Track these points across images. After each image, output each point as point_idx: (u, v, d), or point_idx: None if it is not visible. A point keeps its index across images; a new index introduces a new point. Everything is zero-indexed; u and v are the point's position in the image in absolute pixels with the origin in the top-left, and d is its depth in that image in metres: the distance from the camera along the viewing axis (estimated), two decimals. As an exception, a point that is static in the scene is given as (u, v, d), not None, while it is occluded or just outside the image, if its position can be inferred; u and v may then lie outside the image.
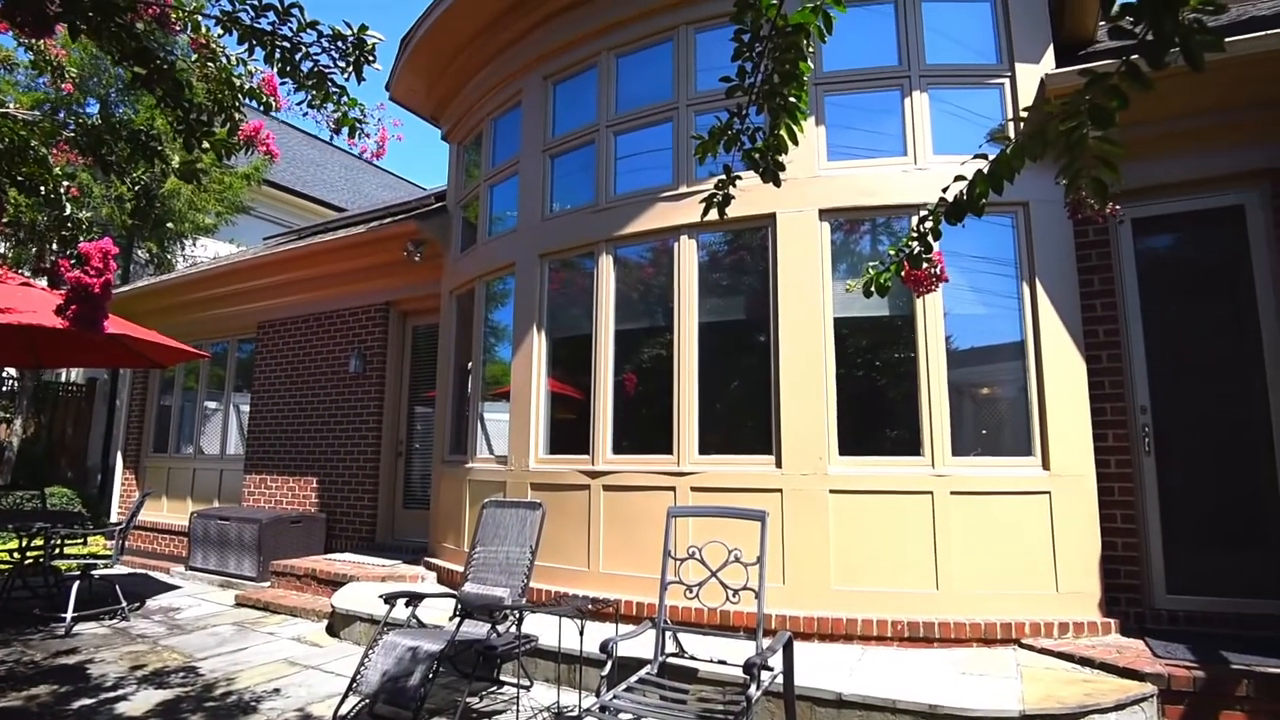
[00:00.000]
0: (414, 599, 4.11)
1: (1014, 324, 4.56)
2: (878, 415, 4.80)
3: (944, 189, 1.85)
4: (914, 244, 1.97)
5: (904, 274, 2.02)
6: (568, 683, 4.17)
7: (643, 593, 4.71)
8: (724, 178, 2.40)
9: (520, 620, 4.00)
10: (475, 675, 3.87)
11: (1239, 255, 4.40)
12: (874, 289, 2.05)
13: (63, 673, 4.60)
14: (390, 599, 3.95)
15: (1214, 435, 4.39)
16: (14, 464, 11.51)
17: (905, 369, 4.62)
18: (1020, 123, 1.64)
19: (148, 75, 2.94)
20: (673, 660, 3.61)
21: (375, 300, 8.08)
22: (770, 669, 3.11)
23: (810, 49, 2.12)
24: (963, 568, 4.27)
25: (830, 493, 4.47)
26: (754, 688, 2.85)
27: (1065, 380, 4.39)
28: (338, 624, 5.42)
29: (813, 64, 2.16)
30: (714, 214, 2.40)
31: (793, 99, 2.16)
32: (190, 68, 3.34)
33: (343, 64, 2.82)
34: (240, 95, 3.28)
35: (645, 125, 5.52)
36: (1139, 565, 4.32)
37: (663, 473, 4.93)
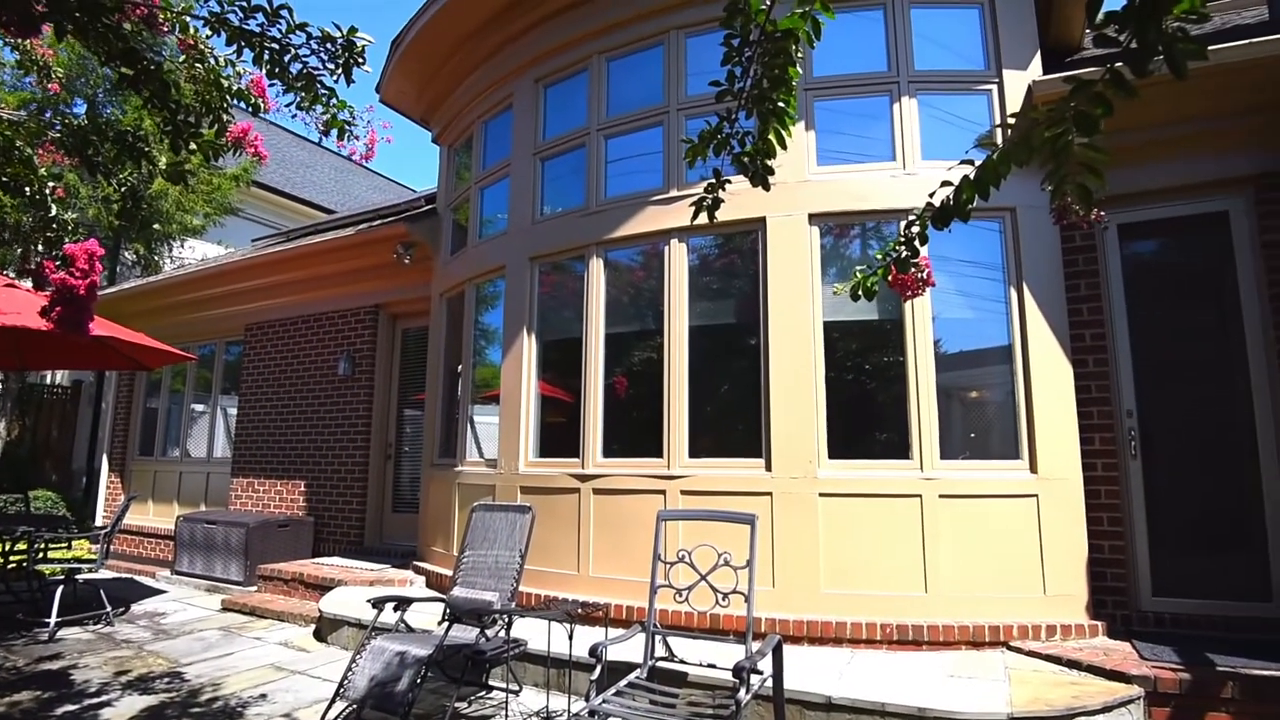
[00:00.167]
0: (402, 603, 4.08)
1: (1002, 328, 4.59)
2: (867, 418, 4.81)
3: (931, 194, 1.86)
4: (901, 249, 1.98)
5: (891, 278, 2.03)
6: (557, 687, 4.15)
7: (632, 596, 4.71)
8: (714, 181, 2.41)
9: (509, 624, 3.99)
10: (464, 680, 3.85)
11: (1224, 260, 4.45)
12: (861, 293, 2.06)
13: (46, 679, 4.55)
14: (378, 603, 3.92)
15: (1199, 438, 4.43)
16: (-3, 467, 11.39)
17: (894, 372, 4.64)
18: (1007, 129, 1.65)
19: (135, 76, 2.92)
20: (662, 664, 3.60)
21: (365, 303, 8.04)
22: (759, 672, 3.11)
23: (799, 54, 2.13)
24: (951, 571, 4.29)
25: (820, 496, 4.48)
26: (743, 691, 2.85)
27: (1052, 384, 4.42)
28: (325, 629, 5.38)
29: (802, 69, 2.18)
30: (704, 218, 2.41)
31: (781, 103, 2.17)
32: (178, 68, 3.32)
33: (332, 66, 2.81)
34: (228, 96, 3.26)
35: (636, 129, 5.53)
36: (1125, 568, 4.35)
37: (653, 476, 4.93)
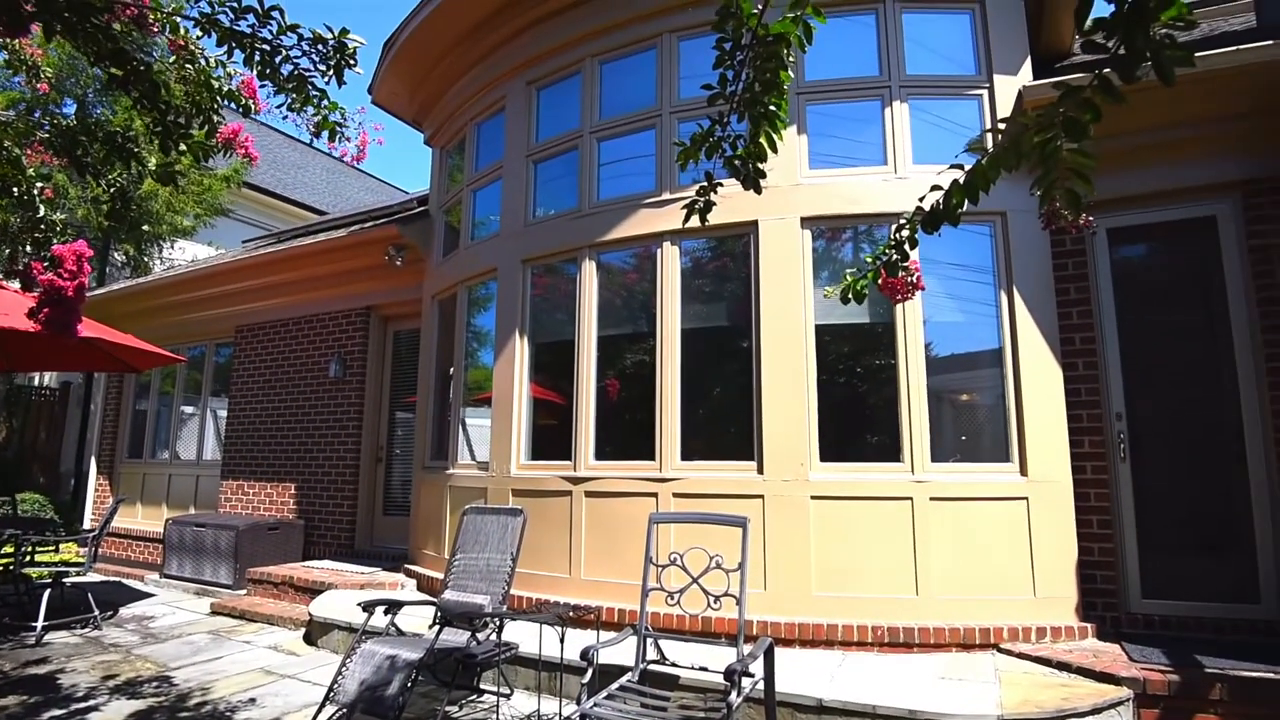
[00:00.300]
0: (393, 607, 4.06)
1: (992, 331, 4.62)
2: (858, 421, 4.83)
3: (921, 198, 1.87)
4: (891, 252, 1.99)
5: (881, 282, 2.04)
6: (548, 691, 4.14)
7: (624, 599, 4.70)
8: (705, 184, 2.41)
9: (500, 628, 3.97)
10: (455, 684, 3.83)
11: (1211, 265, 4.49)
12: (851, 296, 2.07)
13: (32, 683, 4.50)
14: (368, 607, 3.90)
15: (1188, 441, 4.46)
16: (-16, 470, 11.29)
17: (885, 375, 4.66)
18: (997, 134, 1.66)
19: (124, 76, 2.91)
20: (654, 667, 3.60)
21: (356, 304, 8.01)
22: (751, 675, 3.11)
23: (791, 58, 2.14)
24: (942, 573, 4.30)
25: (811, 499, 4.49)
26: (735, 694, 2.85)
27: (1042, 387, 4.45)
28: (315, 632, 5.35)
29: (794, 73, 2.18)
30: (695, 220, 2.41)
31: (773, 107, 2.17)
32: (168, 69, 3.30)
33: (323, 67, 2.80)
34: (219, 97, 3.25)
35: (629, 131, 5.53)
36: (1115, 570, 4.37)
37: (645, 479, 4.93)
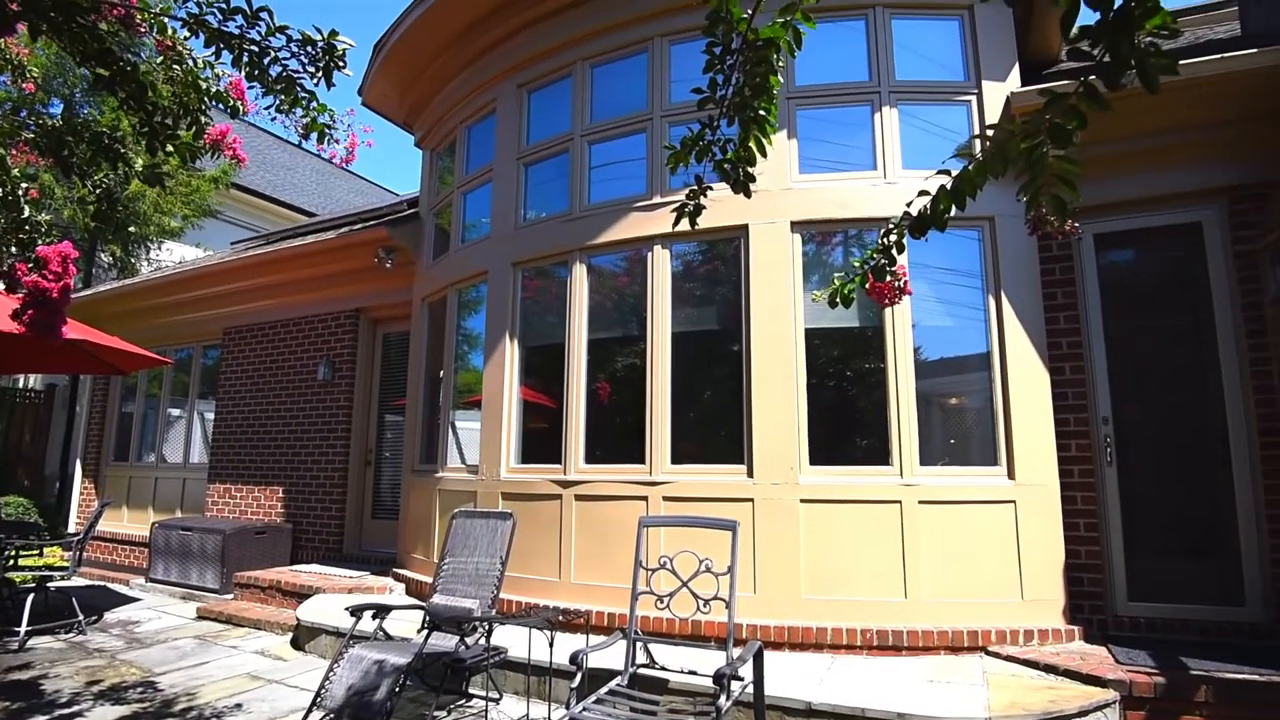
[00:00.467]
0: (381, 611, 4.04)
1: (980, 336, 4.64)
2: (848, 425, 4.84)
3: (908, 203, 1.88)
4: (878, 257, 2.00)
5: (868, 286, 2.05)
6: (537, 695, 4.13)
7: (614, 603, 4.69)
8: (695, 188, 2.42)
9: (489, 632, 3.96)
10: (443, 688, 3.82)
11: (1197, 270, 4.52)
12: (839, 300, 2.07)
13: (15, 689, 4.45)
14: (356, 611, 3.88)
15: (1174, 445, 4.50)
16: (-33, 473, 11.15)
17: (875, 379, 4.67)
18: (985, 140, 1.67)
19: (111, 77, 2.88)
20: (643, 671, 3.59)
21: (345, 307, 7.97)
22: (740, 679, 3.11)
23: (780, 63, 2.15)
24: (930, 576, 4.31)
25: (801, 502, 4.50)
26: (724, 698, 2.85)
27: (1030, 391, 4.47)
28: (303, 637, 5.31)
29: (784, 78, 2.19)
30: (685, 224, 2.41)
31: (763, 111, 2.18)
32: (155, 70, 3.28)
33: (312, 69, 2.78)
34: (206, 98, 3.23)
35: (620, 135, 5.54)
36: (1102, 573, 4.40)
37: (635, 482, 4.92)
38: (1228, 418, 4.33)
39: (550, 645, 3.60)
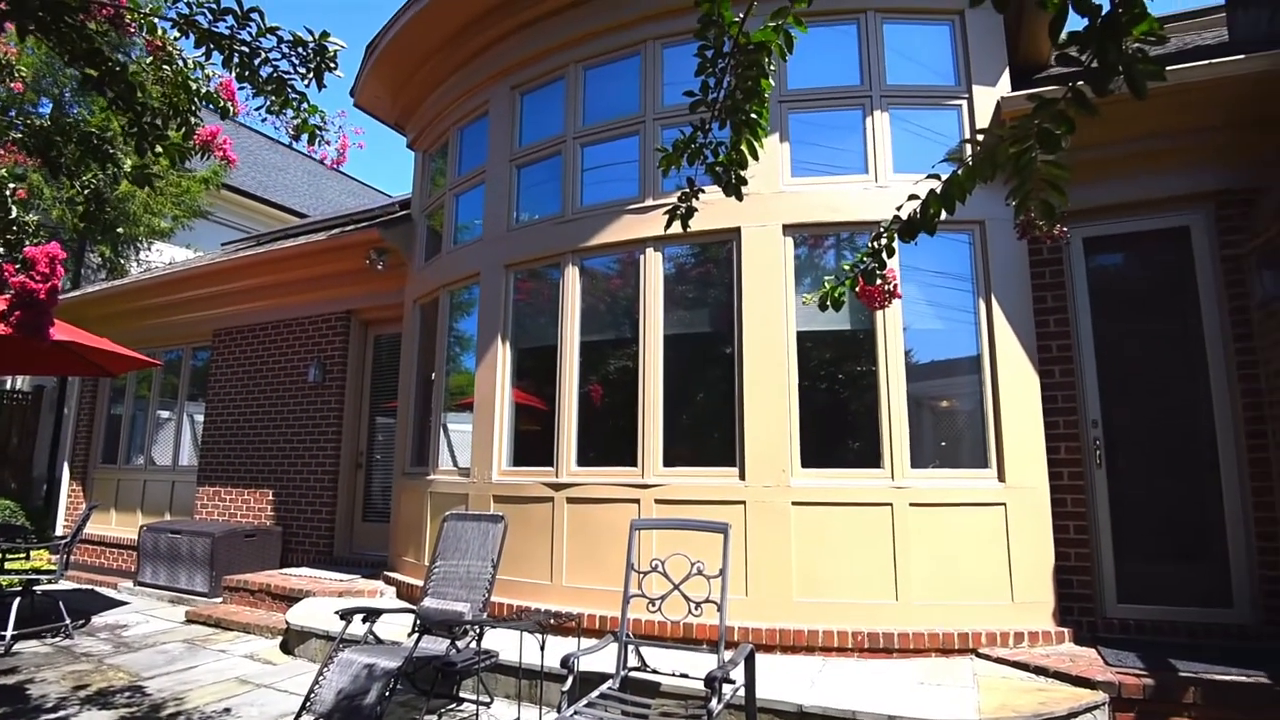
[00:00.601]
0: (371, 614, 4.02)
1: (971, 339, 4.66)
2: (839, 428, 4.85)
3: (898, 207, 1.89)
4: (868, 260, 2.00)
5: (858, 290, 2.06)
6: (529, 699, 4.11)
7: (605, 606, 4.68)
8: (687, 190, 2.42)
9: (480, 635, 3.94)
10: (434, 692, 3.80)
11: (1185, 274, 4.56)
12: (829, 304, 2.08)
13: (1, 694, 4.40)
14: (346, 615, 3.86)
15: (1162, 448, 4.52)
16: (-47, 475, 11.04)
17: (866, 382, 4.69)
18: (976, 144, 1.68)
19: (99, 77, 2.86)
20: (635, 674, 3.59)
21: (336, 308, 7.94)
22: (732, 682, 3.11)
23: (772, 67, 2.15)
24: (922, 579, 4.32)
25: (792, 505, 4.50)
26: (715, 701, 2.85)
27: (1020, 394, 4.49)
28: (292, 641, 5.28)
29: (776, 82, 2.20)
30: (678, 226, 2.42)
31: (754, 115, 2.18)
32: (145, 70, 3.26)
33: (303, 70, 2.78)
34: (196, 99, 3.21)
35: (612, 138, 5.54)
36: (1091, 575, 4.42)
37: (627, 485, 4.92)
38: (1215, 421, 4.36)
39: (542, 648, 3.59)
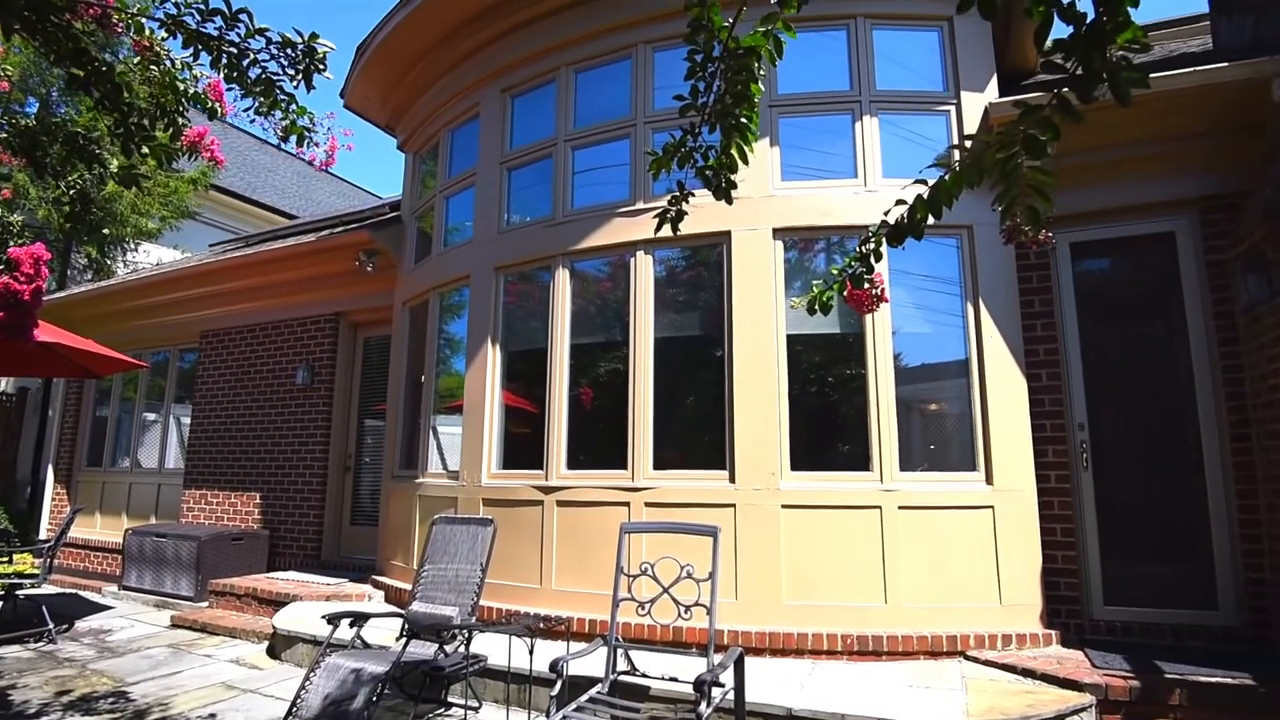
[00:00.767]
0: (359, 619, 3.99)
1: (959, 342, 4.69)
2: (829, 431, 4.86)
3: (885, 212, 1.90)
4: (856, 265, 2.01)
5: (846, 294, 2.07)
6: (517, 703, 4.10)
7: (595, 610, 4.67)
8: (677, 194, 2.42)
9: (469, 640, 3.93)
10: (421, 697, 3.78)
11: (1171, 279, 4.60)
12: (817, 308, 2.09)
13: (-20, 700, 4.36)
14: (333, 619, 3.84)
15: (1148, 451, 4.56)
16: (-65, 478, 10.91)
17: (855, 385, 4.70)
18: (964, 150, 1.69)
19: (85, 77, 2.84)
20: (624, 678, 3.58)
21: (325, 310, 7.90)
22: (721, 685, 3.11)
23: (762, 71, 2.16)
24: (910, 581, 4.34)
25: (782, 508, 4.51)
26: (704, 705, 2.85)
27: (1007, 397, 4.52)
28: (279, 645, 5.24)
29: (766, 86, 2.21)
30: (668, 230, 2.42)
31: (744, 119, 2.19)
32: (132, 70, 3.24)
33: (292, 71, 2.77)
34: (184, 100, 3.19)
35: (603, 141, 5.54)
36: (1078, 578, 4.45)
37: (617, 488, 4.91)
38: (1200, 424, 4.40)
39: (530, 653, 3.58)
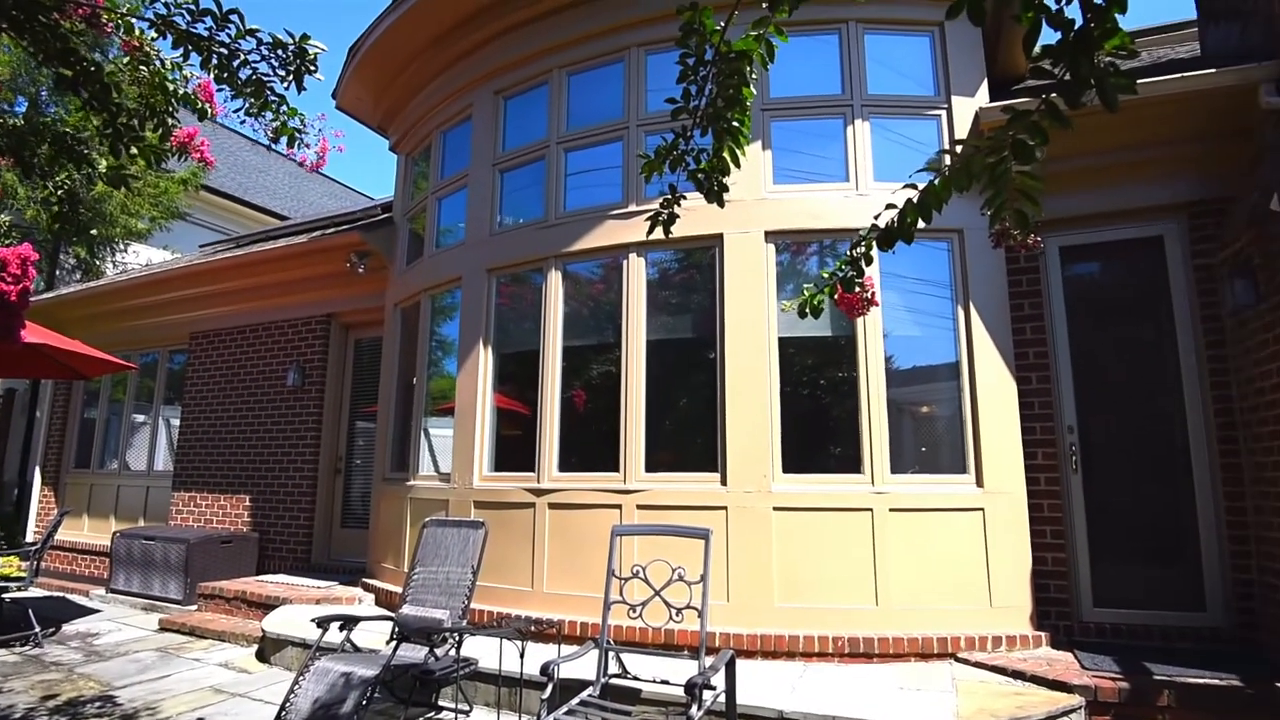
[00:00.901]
0: (349, 622, 3.97)
1: (950, 345, 4.70)
2: (820, 433, 4.87)
3: (876, 216, 1.90)
4: (847, 268, 2.02)
5: (837, 297, 2.08)
6: (508, 706, 4.08)
7: (586, 613, 4.67)
8: (669, 197, 2.43)
9: (460, 643, 3.91)
10: (412, 701, 3.76)
11: (1159, 283, 4.63)
12: (808, 311, 2.09)
13: (-35, 705, 4.31)
14: (323, 622, 3.81)
15: (1137, 454, 4.59)
16: (-80, 480, 10.80)
17: (847, 388, 4.71)
18: (953, 154, 1.70)
19: (74, 77, 2.82)
20: (615, 681, 3.57)
21: (316, 312, 7.87)
22: (712, 688, 3.11)
23: (754, 75, 2.17)
24: (901, 583, 4.35)
25: (774, 510, 4.51)
26: (696, 708, 2.84)
27: (997, 400, 4.54)
28: (269, 649, 5.21)
29: (758, 90, 2.22)
30: (660, 232, 2.42)
31: (736, 123, 2.20)
32: (121, 70, 3.22)
33: (283, 73, 2.76)
34: (174, 100, 3.17)
35: (596, 143, 5.54)
36: (1068, 580, 4.47)
37: (609, 490, 4.90)
38: (1189, 427, 4.43)
39: (521, 656, 3.57)
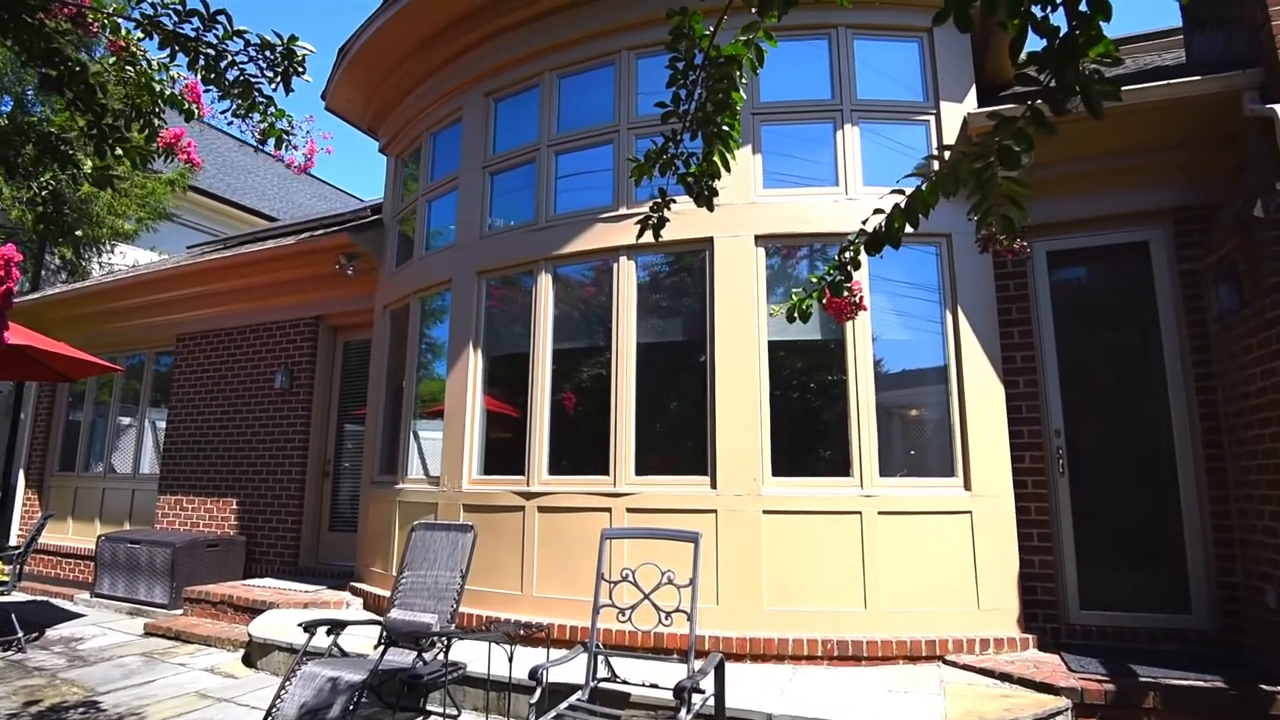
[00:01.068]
0: (336, 626, 3.95)
1: (938, 349, 4.73)
2: (810, 436, 4.88)
3: (864, 221, 1.91)
4: (835, 273, 2.03)
5: (825, 302, 2.08)
6: (497, 711, 4.07)
7: (576, 616, 4.65)
8: (659, 200, 2.43)
9: (448, 647, 3.89)
10: (399, 706, 3.74)
11: (1145, 288, 4.67)
12: (797, 315, 2.10)
13: (-56, 712, 4.25)
14: (310, 627, 3.79)
15: (1123, 457, 4.62)
16: (-100, 483, 10.65)
17: (836, 391, 4.73)
18: (943, 160, 1.71)
19: (58, 77, 2.80)
20: (604, 685, 3.57)
21: (305, 314, 7.82)
22: (701, 691, 3.11)
23: (743, 79, 2.17)
24: (890, 586, 4.36)
25: (763, 513, 4.52)
26: (684, 711, 2.84)
27: (985, 404, 4.57)
28: (255, 653, 5.17)
29: (749, 94, 2.22)
30: (650, 236, 2.42)
31: (725, 127, 2.20)
32: (107, 70, 3.19)
33: (271, 74, 2.74)
34: (160, 101, 3.15)
35: (586, 146, 5.54)
36: (1055, 582, 4.50)
37: (599, 494, 4.90)
38: (1174, 431, 4.47)
39: (510, 660, 3.55)
